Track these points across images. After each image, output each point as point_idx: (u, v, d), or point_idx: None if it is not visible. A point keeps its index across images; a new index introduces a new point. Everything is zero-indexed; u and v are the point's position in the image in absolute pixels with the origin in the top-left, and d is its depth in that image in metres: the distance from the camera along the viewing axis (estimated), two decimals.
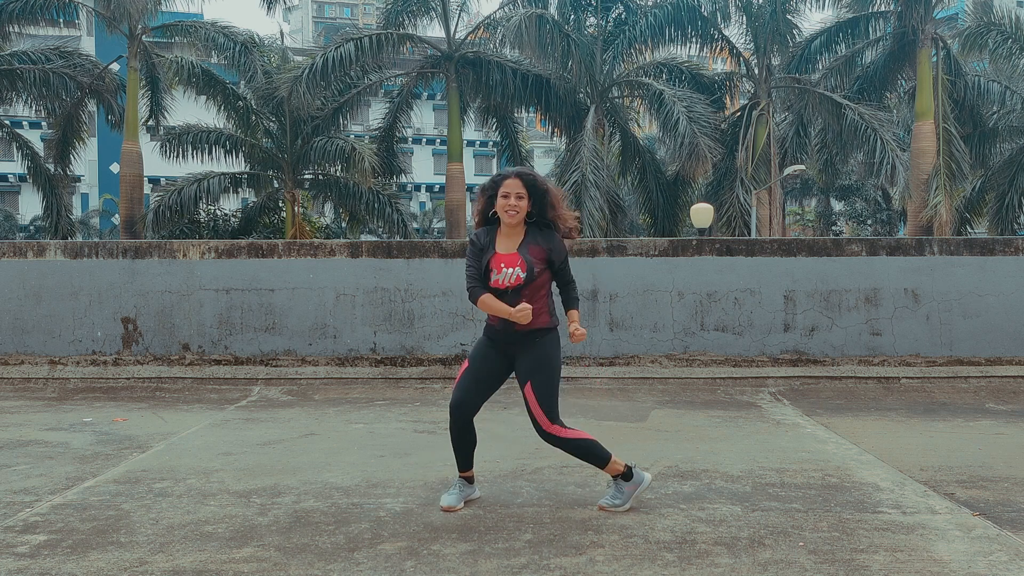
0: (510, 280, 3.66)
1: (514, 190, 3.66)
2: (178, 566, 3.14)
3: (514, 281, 3.66)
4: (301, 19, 78.11)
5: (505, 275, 3.66)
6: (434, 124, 50.50)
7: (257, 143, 23.33)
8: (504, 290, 3.67)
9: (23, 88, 22.31)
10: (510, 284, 3.66)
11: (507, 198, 3.66)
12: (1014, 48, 20.76)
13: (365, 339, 7.71)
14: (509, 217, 3.67)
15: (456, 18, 23.41)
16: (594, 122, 21.42)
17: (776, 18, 21.18)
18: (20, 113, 30.61)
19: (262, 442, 5.32)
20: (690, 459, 4.81)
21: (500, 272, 3.67)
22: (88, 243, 7.98)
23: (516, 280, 3.66)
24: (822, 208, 39.26)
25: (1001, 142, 24.84)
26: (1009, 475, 4.46)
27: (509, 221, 3.68)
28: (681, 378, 7.42)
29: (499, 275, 3.67)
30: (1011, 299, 7.54)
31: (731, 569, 3.09)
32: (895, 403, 6.76)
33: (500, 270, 3.67)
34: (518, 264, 3.66)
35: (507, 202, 3.66)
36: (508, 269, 3.66)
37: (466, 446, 3.84)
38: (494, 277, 3.68)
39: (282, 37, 29.56)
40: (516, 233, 3.75)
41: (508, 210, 3.66)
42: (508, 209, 3.66)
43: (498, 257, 3.70)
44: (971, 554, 3.25)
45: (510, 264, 3.67)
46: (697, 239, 7.87)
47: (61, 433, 5.62)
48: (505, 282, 3.67)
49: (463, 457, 3.87)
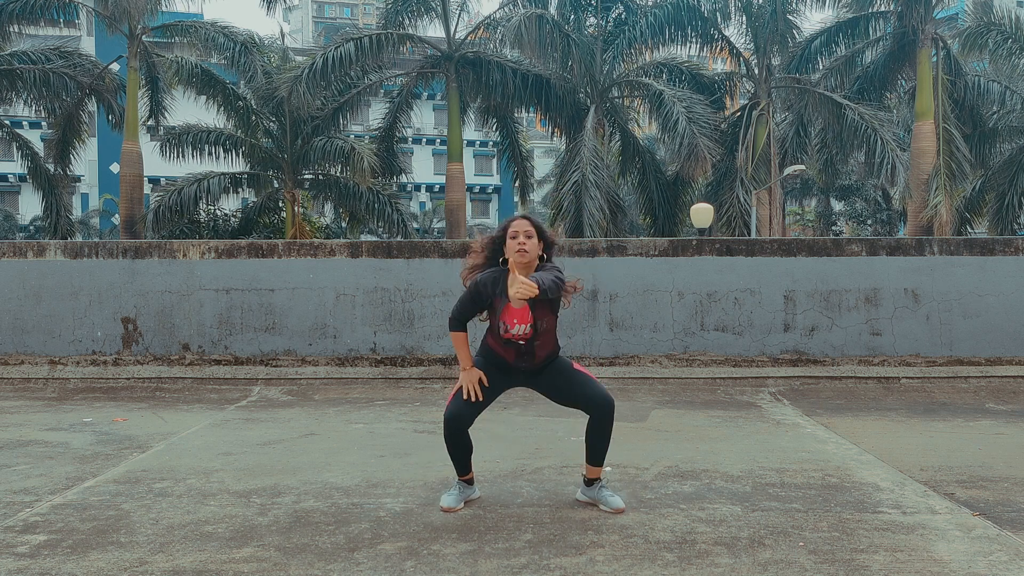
0: (524, 333, 3.72)
1: (522, 230, 3.69)
2: (178, 566, 3.14)
3: (526, 335, 3.72)
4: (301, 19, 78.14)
5: (519, 330, 3.71)
6: (434, 124, 50.51)
7: (257, 143, 23.32)
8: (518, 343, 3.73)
9: (23, 88, 22.29)
10: (522, 337, 3.73)
11: (516, 238, 3.68)
12: (1014, 48, 20.75)
13: (365, 339, 7.71)
14: (521, 256, 3.65)
15: (456, 18, 23.40)
16: (594, 122, 21.41)
17: (776, 18, 21.17)
18: (20, 113, 30.62)
19: (262, 442, 5.32)
20: (690, 459, 4.81)
21: (514, 327, 3.72)
22: (88, 243, 7.98)
23: (528, 334, 3.71)
24: (822, 208, 39.25)
25: (1001, 142, 24.83)
26: (1009, 475, 4.46)
27: (521, 260, 3.66)
28: (681, 378, 7.42)
29: (513, 330, 3.72)
30: (1011, 299, 7.55)
31: (731, 569, 3.09)
32: (895, 403, 6.76)
33: (514, 325, 3.71)
34: (528, 321, 3.71)
35: (516, 242, 3.67)
36: (520, 326, 3.71)
37: (462, 453, 3.83)
38: (508, 330, 3.71)
39: (282, 37, 29.52)
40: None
41: (518, 250, 3.66)
42: (518, 249, 3.66)
43: (511, 312, 3.71)
44: (971, 554, 3.24)
45: (522, 321, 3.71)
46: (697, 239, 7.87)
47: (61, 433, 5.62)
48: (518, 335, 3.73)
49: (461, 464, 3.85)
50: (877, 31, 22.52)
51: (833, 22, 23.08)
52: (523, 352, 3.77)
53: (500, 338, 3.76)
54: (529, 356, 3.78)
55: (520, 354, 3.78)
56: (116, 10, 20.85)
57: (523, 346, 3.75)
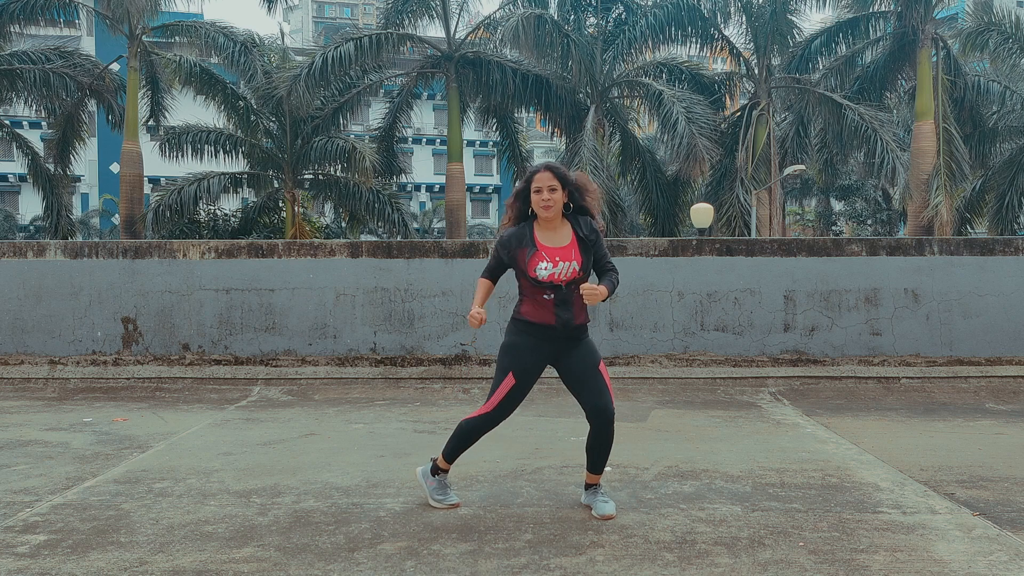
0: (567, 274, 3.60)
1: (546, 183, 3.63)
2: (178, 566, 3.14)
3: (571, 275, 3.61)
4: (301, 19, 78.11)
5: (562, 269, 3.59)
6: (434, 124, 50.50)
7: (257, 143, 23.33)
8: (559, 285, 3.61)
9: (23, 88, 22.30)
10: (567, 278, 3.61)
11: (540, 192, 3.63)
12: (1014, 48, 20.76)
13: (365, 339, 7.71)
14: (545, 211, 3.62)
15: (456, 18, 23.41)
16: (594, 122, 21.41)
17: (776, 18, 21.17)
18: (20, 113, 30.60)
19: (262, 442, 5.32)
20: (690, 459, 4.81)
21: (556, 266, 3.59)
22: (88, 243, 7.98)
23: (573, 274, 3.61)
24: (822, 208, 39.25)
25: (1001, 142, 24.84)
26: (1009, 475, 4.46)
27: (546, 215, 3.63)
28: (681, 378, 7.42)
29: (555, 268, 3.59)
30: (1011, 299, 7.54)
31: (731, 569, 3.09)
32: (895, 403, 6.76)
33: (556, 263, 3.59)
34: (573, 258, 3.62)
35: (540, 197, 3.62)
36: (564, 263, 3.60)
37: (468, 446, 3.87)
38: (548, 271, 3.59)
39: (282, 37, 29.51)
40: (558, 227, 3.70)
41: (543, 204, 3.62)
42: (543, 204, 3.62)
43: (550, 251, 3.63)
44: (971, 554, 3.25)
45: (565, 258, 3.61)
46: (697, 239, 7.87)
47: (61, 433, 5.62)
48: (562, 276, 3.60)
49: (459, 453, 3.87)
50: (877, 31, 22.52)
51: (833, 22, 23.10)
52: (562, 301, 3.62)
53: (537, 294, 3.64)
54: (568, 307, 3.64)
55: (560, 305, 3.62)
56: (116, 10, 20.86)
57: (564, 292, 3.61)
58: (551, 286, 3.61)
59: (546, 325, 3.67)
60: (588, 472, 3.84)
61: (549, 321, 3.66)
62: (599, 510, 3.72)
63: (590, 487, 3.85)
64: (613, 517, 3.69)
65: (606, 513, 3.69)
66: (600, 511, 3.71)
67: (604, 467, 3.82)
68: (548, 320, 3.66)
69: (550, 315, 3.65)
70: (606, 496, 3.83)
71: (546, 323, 3.66)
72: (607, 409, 3.67)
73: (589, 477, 3.84)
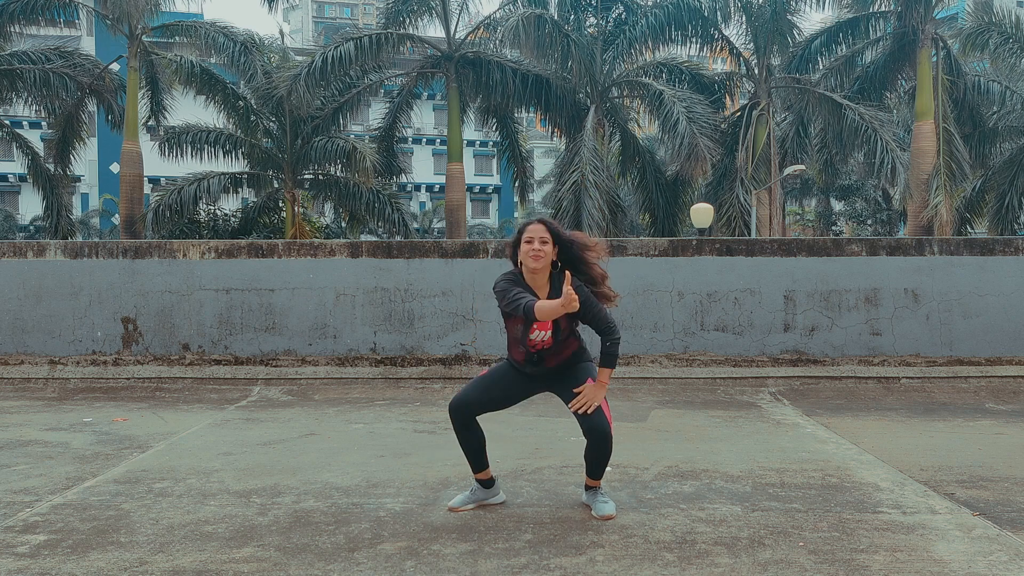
0: (542, 340, 3.68)
1: (537, 235, 3.63)
2: (178, 566, 3.14)
3: (545, 342, 3.69)
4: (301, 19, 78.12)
5: (538, 336, 3.67)
6: (434, 124, 50.51)
7: (257, 143, 23.33)
8: (537, 352, 3.70)
9: (23, 88, 22.29)
10: (543, 344, 3.69)
11: (531, 243, 3.62)
12: (1014, 48, 20.75)
13: (365, 339, 7.71)
14: (533, 261, 3.61)
15: (456, 18, 23.41)
16: (594, 122, 21.41)
17: (776, 18, 21.16)
18: (20, 113, 30.58)
19: (262, 442, 5.32)
20: (690, 459, 4.81)
21: (533, 333, 3.67)
22: (88, 243, 7.98)
23: (547, 342, 3.69)
24: (822, 208, 39.24)
25: (1001, 142, 24.84)
26: (1009, 475, 4.46)
27: (533, 266, 3.61)
28: (681, 378, 7.42)
29: (533, 336, 3.67)
30: (1011, 299, 7.55)
31: (731, 569, 3.09)
32: (895, 403, 6.76)
33: (533, 331, 3.66)
34: (547, 328, 3.66)
35: (531, 247, 3.61)
36: (540, 332, 3.66)
37: (474, 445, 3.79)
38: (531, 337, 3.67)
39: (282, 37, 29.52)
40: (541, 285, 3.69)
41: (531, 255, 3.61)
42: (531, 254, 3.61)
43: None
44: (971, 554, 3.25)
45: (542, 327, 3.66)
46: (697, 239, 7.87)
47: (61, 433, 5.62)
48: (538, 342, 3.69)
49: (474, 457, 3.81)
50: (877, 31, 22.52)
51: (833, 22, 23.09)
52: (536, 359, 3.73)
53: (514, 342, 3.75)
54: (540, 363, 3.75)
55: (530, 361, 3.74)
56: (116, 10, 20.85)
57: (535, 354, 3.72)
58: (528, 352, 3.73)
59: (521, 364, 3.80)
60: (587, 476, 3.84)
61: (521, 363, 3.80)
62: (599, 510, 3.72)
63: (590, 488, 3.85)
64: (613, 517, 3.69)
65: (606, 513, 3.69)
66: (600, 511, 3.71)
67: (602, 473, 3.82)
68: (519, 360, 3.80)
69: (522, 361, 3.78)
70: (606, 496, 3.83)
71: (520, 363, 3.80)
72: (599, 427, 3.64)
73: (589, 480, 3.85)
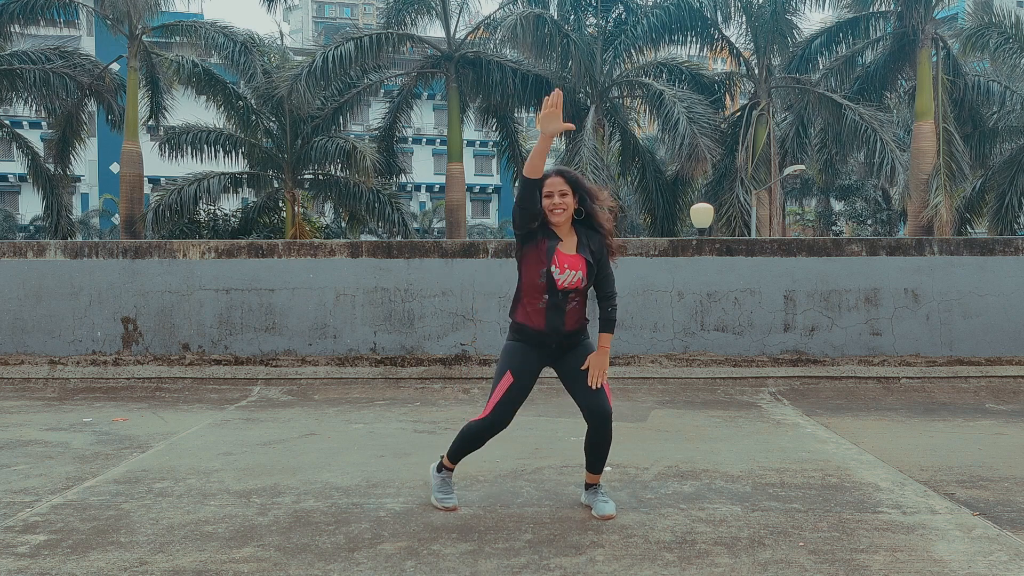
0: (572, 281, 3.59)
1: (556, 188, 3.58)
2: (178, 566, 3.14)
3: (575, 283, 3.60)
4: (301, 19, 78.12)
5: (568, 276, 3.58)
6: (434, 124, 50.52)
7: (257, 143, 23.33)
8: (558, 291, 3.59)
9: (23, 88, 22.30)
10: (570, 286, 3.59)
11: (550, 197, 3.58)
12: (1014, 48, 20.75)
13: (365, 339, 7.71)
14: (556, 216, 3.58)
15: (456, 18, 23.42)
16: (594, 122, 21.41)
17: (776, 18, 21.17)
18: (20, 113, 30.59)
19: (262, 442, 5.32)
20: (690, 459, 4.81)
21: (564, 272, 3.58)
22: (88, 243, 7.98)
23: (577, 283, 3.60)
24: (822, 208, 39.26)
25: (1001, 142, 24.84)
26: (1009, 475, 4.46)
27: (556, 220, 3.59)
28: (681, 378, 7.42)
29: (562, 275, 3.58)
30: (1011, 299, 7.55)
31: (731, 569, 3.09)
32: (895, 403, 6.76)
33: (564, 270, 3.58)
34: (580, 268, 3.60)
35: (551, 201, 3.58)
36: (572, 272, 3.58)
37: (475, 448, 3.84)
38: (558, 276, 3.58)
39: (282, 37, 29.56)
40: (567, 235, 3.65)
41: (554, 209, 3.58)
42: (554, 208, 3.58)
43: (562, 257, 3.60)
44: (971, 554, 3.25)
45: (574, 267, 3.59)
46: (697, 239, 7.87)
47: (61, 433, 5.62)
48: (567, 283, 3.58)
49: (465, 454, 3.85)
50: (877, 31, 22.52)
51: (833, 22, 23.10)
52: (555, 307, 3.60)
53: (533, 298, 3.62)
54: (559, 317, 3.62)
55: (552, 310, 3.61)
56: (116, 10, 20.86)
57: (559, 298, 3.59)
58: (551, 290, 3.60)
59: (538, 330, 3.66)
60: (587, 472, 3.83)
61: (540, 326, 3.65)
62: (599, 510, 3.71)
63: (590, 487, 3.84)
64: (613, 517, 3.67)
65: (606, 513, 3.68)
66: (600, 511, 3.70)
67: (603, 467, 3.80)
68: (539, 325, 3.65)
69: (541, 320, 3.64)
70: (606, 496, 3.81)
71: (537, 328, 3.65)
72: (602, 408, 3.65)
73: (589, 477, 3.83)
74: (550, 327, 3.64)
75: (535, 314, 3.64)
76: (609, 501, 3.77)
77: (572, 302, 3.63)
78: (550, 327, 3.64)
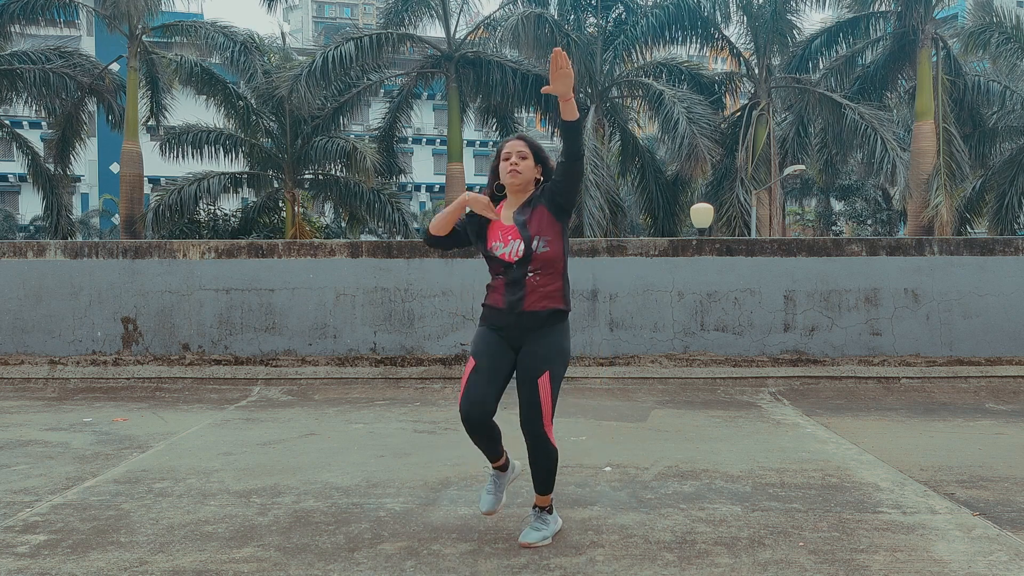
0: (515, 252, 3.30)
1: (515, 150, 3.38)
2: (178, 566, 3.14)
3: (518, 253, 3.30)
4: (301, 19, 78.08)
5: (511, 247, 3.31)
6: (434, 124, 50.50)
7: (257, 143, 23.34)
8: (511, 264, 3.32)
9: (23, 88, 22.30)
10: (516, 255, 3.31)
11: (508, 159, 3.37)
12: (1014, 48, 20.75)
13: (365, 339, 7.71)
14: (511, 177, 3.35)
15: (456, 18, 23.42)
16: (594, 122, 21.41)
17: (776, 18, 21.18)
18: (20, 113, 30.59)
19: (262, 442, 5.32)
20: (690, 459, 4.81)
21: (498, 242, 3.34)
22: (88, 243, 7.98)
23: (517, 254, 3.30)
24: (822, 208, 39.23)
25: (1001, 142, 24.85)
26: (1009, 475, 4.46)
27: (512, 181, 3.36)
28: (681, 378, 7.42)
29: (505, 248, 3.33)
30: (1011, 299, 7.55)
31: (731, 569, 3.09)
32: (895, 403, 6.76)
33: (504, 241, 3.33)
34: (515, 235, 3.31)
35: (508, 163, 3.36)
36: (512, 240, 3.32)
37: (491, 443, 3.46)
38: (499, 250, 3.34)
39: (282, 37, 29.46)
40: (514, 204, 3.42)
41: (509, 170, 3.36)
42: (510, 170, 3.35)
43: (496, 226, 3.37)
44: (971, 554, 3.24)
45: (508, 236, 3.33)
46: (697, 239, 7.87)
47: (61, 433, 5.62)
48: (511, 255, 3.31)
49: (490, 451, 3.50)
50: (877, 31, 22.53)
51: (833, 22, 23.10)
52: (513, 284, 3.31)
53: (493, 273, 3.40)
54: (517, 292, 3.31)
55: (509, 288, 3.32)
56: (116, 10, 20.85)
57: (514, 272, 3.30)
58: (503, 264, 3.33)
59: (497, 309, 3.37)
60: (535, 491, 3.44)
61: (499, 304, 3.36)
62: (523, 535, 3.35)
63: (534, 508, 3.45)
64: (532, 546, 3.29)
65: (526, 541, 3.31)
66: (523, 536, 3.34)
67: (549, 489, 3.40)
68: (498, 303, 3.36)
69: (500, 298, 3.36)
70: (542, 522, 3.40)
71: (496, 306, 3.37)
72: (530, 425, 3.32)
73: (536, 497, 3.44)
74: (507, 303, 3.33)
75: (495, 292, 3.40)
76: (541, 528, 3.38)
77: (533, 275, 3.30)
78: (507, 303, 3.33)
